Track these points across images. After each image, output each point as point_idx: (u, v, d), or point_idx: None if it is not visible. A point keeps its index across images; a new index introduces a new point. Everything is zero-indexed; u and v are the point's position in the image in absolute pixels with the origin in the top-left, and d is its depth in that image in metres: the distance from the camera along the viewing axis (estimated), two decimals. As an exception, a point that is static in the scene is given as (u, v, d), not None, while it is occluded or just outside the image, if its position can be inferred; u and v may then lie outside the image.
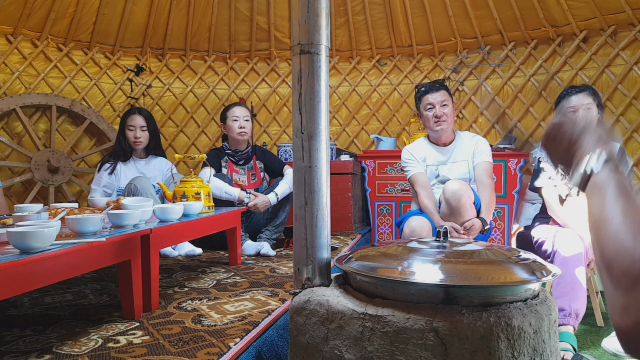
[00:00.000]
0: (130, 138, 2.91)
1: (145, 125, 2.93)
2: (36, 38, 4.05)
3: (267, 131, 4.66)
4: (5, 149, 3.86)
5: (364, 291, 1.13)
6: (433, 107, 2.41)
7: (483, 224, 2.19)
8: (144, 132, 2.93)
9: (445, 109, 2.40)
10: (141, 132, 2.92)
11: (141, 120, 2.92)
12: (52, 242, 1.22)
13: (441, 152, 2.48)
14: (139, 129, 2.91)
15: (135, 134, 2.90)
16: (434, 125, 2.41)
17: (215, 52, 4.67)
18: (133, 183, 2.58)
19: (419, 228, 2.16)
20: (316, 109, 1.22)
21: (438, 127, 2.40)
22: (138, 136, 2.90)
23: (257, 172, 3.06)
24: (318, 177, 1.23)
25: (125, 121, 2.93)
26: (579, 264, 2.04)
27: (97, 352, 1.26)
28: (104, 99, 4.36)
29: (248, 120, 2.98)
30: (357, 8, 4.32)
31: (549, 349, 1.05)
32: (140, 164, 2.97)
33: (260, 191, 2.96)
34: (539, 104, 4.00)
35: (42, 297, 1.88)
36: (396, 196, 3.66)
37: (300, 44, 1.22)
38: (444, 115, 2.39)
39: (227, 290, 1.92)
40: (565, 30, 3.88)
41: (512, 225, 3.43)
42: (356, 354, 1.04)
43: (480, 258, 1.14)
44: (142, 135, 2.92)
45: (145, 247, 1.61)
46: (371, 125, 4.51)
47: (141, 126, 2.92)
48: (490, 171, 2.39)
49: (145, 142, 2.96)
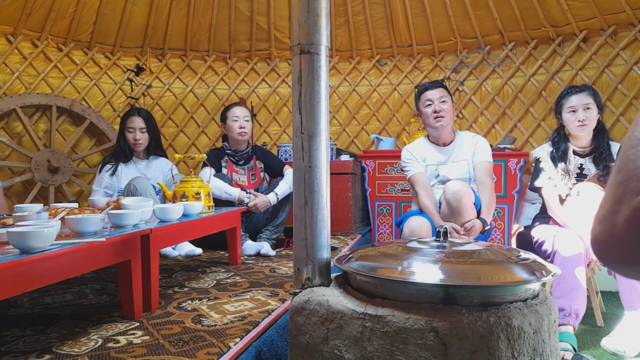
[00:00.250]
0: (130, 140, 2.89)
1: (144, 126, 2.90)
2: (36, 38, 4.05)
3: (267, 131, 4.66)
4: (6, 149, 3.87)
5: (364, 291, 1.13)
6: (432, 103, 2.40)
7: (483, 224, 2.19)
8: (144, 133, 2.91)
9: (444, 105, 2.39)
10: (140, 134, 2.89)
11: (140, 121, 2.89)
12: (52, 242, 1.22)
13: (441, 152, 2.47)
14: (138, 130, 2.88)
15: (134, 136, 2.87)
16: (433, 122, 2.40)
17: (215, 52, 4.67)
18: (132, 184, 2.57)
19: (418, 228, 2.16)
20: (316, 109, 1.22)
21: (437, 123, 2.38)
22: (137, 138, 2.88)
23: (257, 172, 3.06)
24: (318, 177, 1.23)
25: (125, 123, 2.90)
26: (579, 264, 2.04)
27: (97, 352, 1.26)
28: (104, 99, 4.36)
29: (248, 121, 2.97)
30: (357, 8, 4.33)
31: (549, 348, 1.05)
32: (141, 164, 2.96)
33: (261, 191, 2.96)
34: (539, 104, 4.00)
35: (42, 297, 1.88)
36: (396, 196, 3.66)
37: (301, 44, 1.22)
38: (443, 110, 2.37)
39: (227, 290, 1.92)
40: (565, 30, 3.88)
41: (512, 225, 3.43)
42: (356, 354, 1.04)
43: (480, 258, 1.14)
44: (141, 137, 2.89)
45: (145, 247, 1.61)
46: (371, 125, 4.51)
47: (140, 128, 2.89)
48: (490, 171, 2.38)
49: (145, 144, 2.93)
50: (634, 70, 3.62)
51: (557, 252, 2.11)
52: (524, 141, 3.99)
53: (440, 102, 2.39)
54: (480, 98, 4.23)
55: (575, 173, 2.35)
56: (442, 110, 2.38)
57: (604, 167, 2.30)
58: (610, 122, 3.61)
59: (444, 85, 2.50)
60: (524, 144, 3.99)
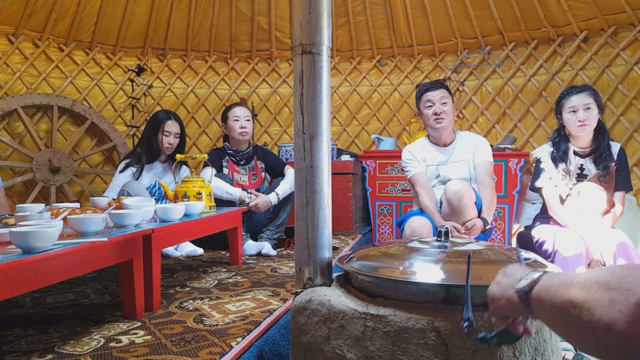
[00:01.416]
0: (164, 143, 2.84)
1: (179, 132, 2.90)
2: (37, 38, 4.05)
3: (268, 131, 4.66)
4: (7, 149, 3.87)
5: (366, 291, 1.13)
6: (432, 105, 2.40)
7: (484, 223, 2.19)
8: (177, 139, 2.89)
9: (445, 107, 2.39)
10: (174, 139, 2.88)
11: (177, 127, 2.88)
12: (55, 241, 1.22)
13: (442, 152, 2.48)
14: (173, 135, 2.86)
15: (169, 140, 2.85)
16: (434, 123, 2.40)
17: (216, 53, 4.67)
18: (125, 190, 2.55)
19: (419, 228, 2.16)
20: (318, 109, 1.23)
21: (438, 125, 2.39)
22: (172, 142, 2.86)
23: (258, 172, 3.06)
24: (319, 177, 1.23)
25: (161, 125, 2.84)
26: (579, 263, 2.04)
27: (99, 352, 1.27)
28: (105, 99, 4.37)
29: (249, 120, 2.97)
30: (357, 8, 4.33)
31: (550, 348, 1.05)
32: (159, 168, 2.92)
33: (262, 191, 2.97)
34: (539, 104, 4.00)
35: (44, 296, 1.89)
36: (397, 196, 3.67)
37: (302, 44, 1.22)
38: (443, 112, 2.38)
39: (228, 290, 1.92)
40: (565, 30, 3.88)
41: (513, 225, 3.43)
42: (358, 354, 1.04)
43: (481, 258, 1.14)
44: (174, 142, 2.88)
45: (147, 247, 1.62)
46: (372, 125, 4.52)
47: (176, 133, 2.88)
48: (491, 171, 2.39)
49: (174, 149, 2.91)
50: (634, 70, 3.62)
51: (557, 252, 2.11)
52: (524, 141, 3.99)
53: (441, 104, 2.38)
54: (481, 98, 4.23)
55: (575, 173, 2.35)
56: (443, 112, 2.38)
57: (604, 168, 2.30)
58: (610, 122, 3.61)
59: (445, 86, 2.50)
60: (524, 144, 3.99)
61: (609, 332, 0.54)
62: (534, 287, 0.72)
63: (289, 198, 2.89)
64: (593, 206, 2.26)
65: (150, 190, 2.80)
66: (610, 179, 2.31)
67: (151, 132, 2.86)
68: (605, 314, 0.55)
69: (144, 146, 2.88)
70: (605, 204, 2.25)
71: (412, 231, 2.16)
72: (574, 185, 2.32)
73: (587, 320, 0.57)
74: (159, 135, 2.84)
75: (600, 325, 0.55)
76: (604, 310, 0.55)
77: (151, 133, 2.86)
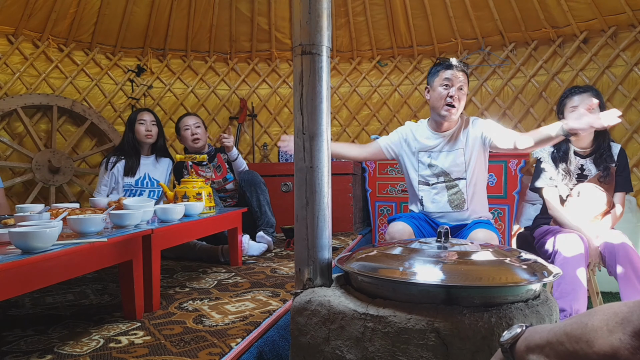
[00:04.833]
0: (141, 132, 2.98)
1: (155, 120, 3.05)
2: (37, 38, 4.05)
3: (268, 132, 4.66)
4: (6, 149, 3.87)
5: (365, 291, 1.13)
6: (450, 86, 2.10)
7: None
8: (154, 126, 3.03)
9: (461, 93, 2.12)
10: (152, 125, 3.01)
11: (151, 116, 3.04)
12: (54, 242, 1.22)
13: (437, 138, 2.24)
14: (149, 122, 3.00)
15: (147, 127, 2.98)
16: (443, 109, 2.12)
17: (216, 53, 4.67)
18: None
19: (398, 234, 2.04)
20: (318, 110, 1.23)
21: (446, 112, 2.11)
22: (149, 129, 2.99)
23: (222, 164, 3.16)
24: (319, 178, 1.23)
25: (136, 117, 3.01)
26: (579, 264, 2.04)
27: (99, 352, 1.27)
28: (104, 100, 4.36)
29: (199, 127, 3.08)
30: (357, 9, 4.33)
31: None
32: (148, 161, 3.04)
33: (229, 179, 3.10)
34: (539, 105, 4.00)
35: (44, 297, 1.89)
36: (396, 197, 3.67)
37: (302, 44, 1.22)
38: (457, 100, 2.10)
39: (228, 291, 1.92)
40: (565, 31, 3.88)
41: (513, 225, 3.43)
42: (357, 355, 1.04)
43: (481, 258, 1.14)
44: (152, 129, 3.01)
45: (147, 248, 1.62)
46: (372, 125, 4.52)
47: (152, 120, 3.02)
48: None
49: (155, 138, 3.04)
50: (634, 71, 3.62)
51: (557, 252, 2.11)
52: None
53: (458, 89, 2.11)
54: (481, 99, 4.23)
55: (576, 174, 2.35)
56: (456, 100, 2.11)
57: (604, 168, 2.30)
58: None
59: (467, 71, 2.20)
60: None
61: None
62: (517, 340, 0.73)
63: (252, 183, 2.93)
64: (593, 207, 2.26)
65: (139, 182, 2.94)
66: (610, 179, 2.31)
67: (128, 129, 3.04)
68: (606, 343, 0.56)
69: (125, 142, 3.04)
70: (605, 204, 2.25)
71: (391, 238, 2.05)
72: (574, 186, 2.32)
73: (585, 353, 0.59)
74: (136, 127, 2.98)
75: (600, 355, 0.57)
76: (604, 341, 0.56)
77: (128, 129, 3.04)
